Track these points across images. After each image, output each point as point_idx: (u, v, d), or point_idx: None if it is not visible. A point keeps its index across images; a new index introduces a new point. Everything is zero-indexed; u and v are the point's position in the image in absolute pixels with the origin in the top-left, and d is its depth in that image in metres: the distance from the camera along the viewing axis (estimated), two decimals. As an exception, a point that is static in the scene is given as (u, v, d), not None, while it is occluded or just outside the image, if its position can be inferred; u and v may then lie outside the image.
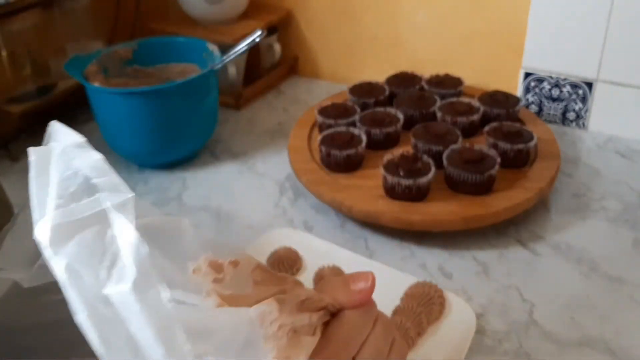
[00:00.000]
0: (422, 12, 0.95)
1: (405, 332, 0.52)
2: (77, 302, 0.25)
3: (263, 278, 0.33)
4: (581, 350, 0.54)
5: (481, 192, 0.68)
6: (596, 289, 0.60)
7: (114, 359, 0.25)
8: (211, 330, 0.28)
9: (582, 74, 0.85)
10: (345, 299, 0.36)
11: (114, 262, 0.26)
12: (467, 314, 0.55)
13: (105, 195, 0.28)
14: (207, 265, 0.31)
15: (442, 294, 0.56)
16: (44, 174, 0.29)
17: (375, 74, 0.93)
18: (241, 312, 0.30)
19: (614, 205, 0.72)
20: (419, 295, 0.56)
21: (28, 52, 0.87)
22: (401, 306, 0.55)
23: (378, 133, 0.76)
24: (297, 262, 0.62)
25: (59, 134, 0.32)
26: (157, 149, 0.80)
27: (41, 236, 0.26)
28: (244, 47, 0.81)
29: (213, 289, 0.30)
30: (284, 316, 0.31)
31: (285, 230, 0.67)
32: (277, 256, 0.62)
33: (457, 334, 0.53)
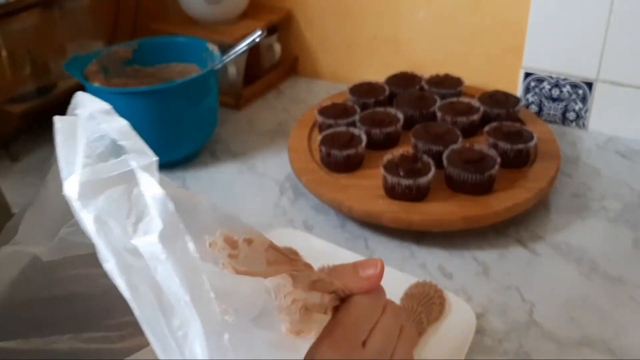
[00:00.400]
0: (422, 12, 0.95)
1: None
2: (106, 251, 0.26)
3: (276, 258, 0.34)
4: (581, 350, 0.54)
5: (481, 192, 0.68)
6: (596, 289, 0.60)
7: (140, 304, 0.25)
8: (231, 292, 0.28)
9: (582, 74, 0.85)
10: (354, 284, 0.36)
11: (141, 217, 0.27)
12: (467, 314, 0.55)
13: (131, 156, 0.29)
14: (222, 240, 0.31)
15: (442, 294, 0.56)
16: (72, 138, 0.30)
17: (375, 74, 0.93)
18: (258, 281, 0.31)
19: (614, 205, 0.72)
20: (419, 295, 0.56)
21: (28, 52, 0.87)
22: (401, 306, 0.56)
23: (378, 133, 0.76)
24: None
25: (84, 102, 0.32)
26: (157, 149, 0.78)
27: (70, 191, 0.27)
28: (244, 47, 0.81)
29: (229, 262, 0.31)
30: (297, 291, 0.31)
31: (285, 230, 0.67)
32: None
33: (457, 333, 0.53)
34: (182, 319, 0.26)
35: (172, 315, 0.26)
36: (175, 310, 0.26)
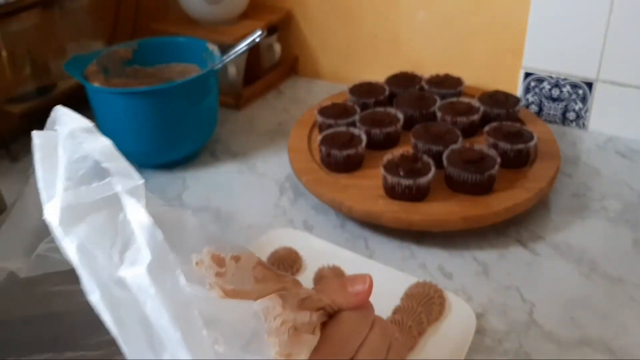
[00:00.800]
0: (422, 12, 0.95)
1: (408, 331, 0.52)
2: (91, 282, 0.25)
3: (264, 275, 0.33)
4: (581, 350, 0.54)
5: (481, 192, 0.68)
6: (596, 289, 0.60)
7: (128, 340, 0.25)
8: (221, 318, 0.28)
9: (582, 74, 0.85)
10: (342, 300, 0.36)
11: (127, 245, 0.26)
12: (467, 314, 0.55)
13: (116, 179, 0.28)
14: (209, 259, 0.30)
15: (442, 294, 0.56)
16: (51, 157, 0.29)
17: (375, 74, 0.93)
18: (246, 305, 0.30)
19: (614, 205, 0.72)
20: (419, 295, 0.56)
21: (28, 52, 0.87)
22: (401, 306, 0.55)
23: (378, 133, 0.76)
24: (297, 262, 0.62)
25: (64, 118, 0.31)
26: (157, 149, 0.80)
27: (51, 217, 0.26)
28: (244, 47, 0.81)
29: (215, 282, 0.30)
30: (286, 312, 0.31)
31: (285, 230, 0.67)
32: (277, 256, 0.62)
33: (457, 333, 0.53)
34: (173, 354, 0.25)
35: (161, 352, 0.25)
36: (165, 347, 0.25)
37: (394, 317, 0.54)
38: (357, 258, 0.62)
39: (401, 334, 0.52)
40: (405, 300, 0.56)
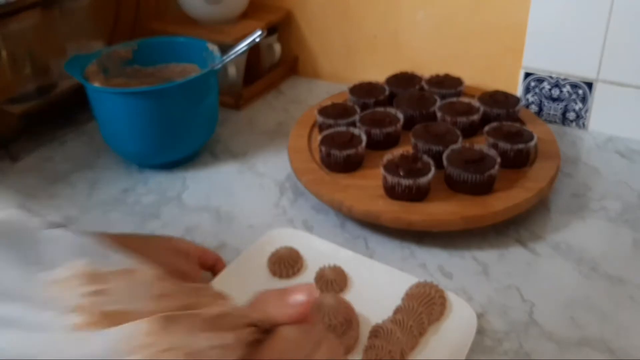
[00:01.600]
0: (422, 12, 0.95)
1: (409, 330, 0.52)
2: None
3: (169, 290, 0.29)
4: (581, 350, 0.54)
5: (481, 192, 0.67)
6: (596, 289, 0.60)
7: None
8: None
9: (582, 74, 0.85)
10: (277, 312, 0.32)
11: None
12: (468, 314, 0.55)
13: None
14: (78, 275, 0.26)
15: (443, 294, 0.56)
16: None
17: (375, 74, 0.93)
18: (101, 339, 0.25)
19: (613, 205, 0.72)
20: (420, 296, 0.55)
21: (28, 52, 0.87)
22: (402, 306, 0.55)
23: (378, 133, 0.76)
24: (298, 261, 0.62)
25: None
26: (157, 149, 0.80)
27: None
28: (244, 47, 0.81)
29: (82, 305, 0.25)
30: (169, 337, 0.25)
31: (286, 230, 0.67)
32: (278, 256, 0.62)
33: (458, 334, 0.53)
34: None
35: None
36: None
37: (395, 317, 0.54)
38: (359, 258, 0.62)
39: (402, 334, 0.52)
40: (407, 300, 0.56)
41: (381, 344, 0.51)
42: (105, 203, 0.76)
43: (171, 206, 0.75)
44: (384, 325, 0.53)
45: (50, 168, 0.84)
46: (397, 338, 0.51)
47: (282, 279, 0.61)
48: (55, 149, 0.89)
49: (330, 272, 0.60)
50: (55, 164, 0.85)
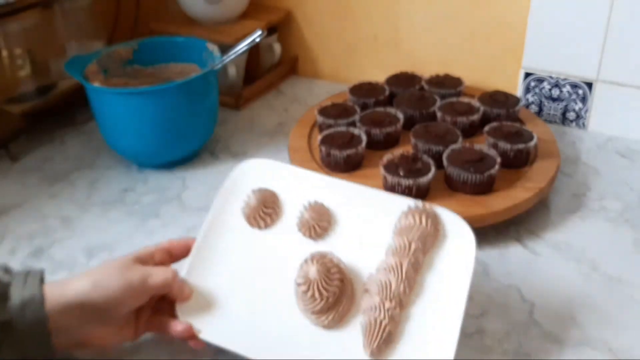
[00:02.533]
0: (422, 13, 0.95)
1: (406, 276, 0.49)
2: None
3: None
4: (581, 350, 0.54)
5: (481, 192, 0.68)
6: (596, 289, 0.60)
7: None
8: None
9: (582, 74, 0.85)
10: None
11: None
12: (464, 234, 0.51)
13: None
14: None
15: (437, 218, 0.52)
16: None
17: (375, 74, 0.93)
18: None
19: (613, 205, 0.72)
20: (412, 229, 0.51)
21: (28, 52, 0.87)
22: (395, 247, 0.52)
23: (378, 133, 0.76)
24: (274, 205, 0.56)
25: None
26: (157, 149, 0.80)
27: None
28: (244, 47, 0.81)
29: None
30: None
31: (258, 161, 0.59)
32: (251, 207, 0.56)
33: (457, 262, 0.50)
34: None
35: None
36: None
37: (388, 263, 0.50)
38: (340, 183, 0.57)
39: (398, 283, 0.49)
40: (399, 236, 0.52)
41: (378, 303, 0.48)
42: (105, 203, 0.76)
43: (171, 206, 0.75)
44: (378, 276, 0.50)
45: (50, 168, 0.84)
46: (393, 291, 0.49)
47: (262, 229, 0.56)
48: (55, 149, 0.89)
49: (311, 215, 0.54)
50: (55, 164, 0.85)
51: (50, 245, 0.70)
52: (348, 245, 0.53)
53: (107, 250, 0.68)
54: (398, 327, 0.49)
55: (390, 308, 0.48)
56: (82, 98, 0.81)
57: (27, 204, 0.77)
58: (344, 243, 0.54)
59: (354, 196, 0.56)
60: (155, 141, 0.79)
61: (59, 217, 0.74)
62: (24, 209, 0.76)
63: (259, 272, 0.54)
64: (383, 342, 0.48)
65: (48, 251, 0.69)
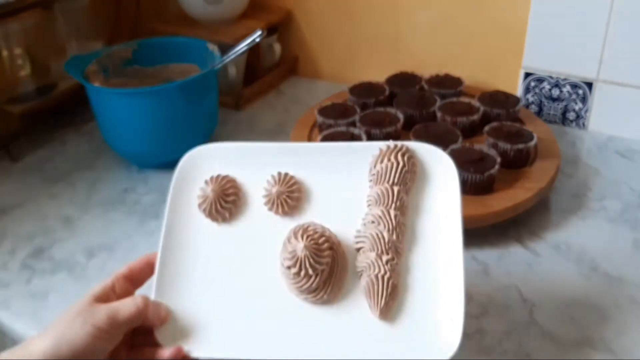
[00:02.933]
0: (422, 12, 0.95)
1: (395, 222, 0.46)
2: None
3: None
4: (581, 350, 0.54)
5: (481, 192, 0.68)
6: (596, 289, 0.60)
7: None
8: None
9: (582, 74, 0.85)
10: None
11: None
12: (445, 167, 0.48)
13: None
14: None
15: (411, 153, 0.49)
16: None
17: (375, 74, 0.93)
18: None
19: (613, 205, 0.72)
20: (392, 171, 0.48)
21: (28, 52, 0.87)
22: (377, 195, 0.48)
23: (378, 133, 0.76)
24: (235, 192, 0.51)
25: None
26: (157, 149, 0.80)
27: None
28: (244, 47, 0.81)
29: None
30: None
31: (203, 148, 0.53)
32: (207, 199, 0.50)
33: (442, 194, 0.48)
34: None
35: None
36: None
37: (375, 215, 0.47)
38: (299, 147, 0.53)
39: (389, 232, 0.46)
40: (378, 183, 0.48)
41: (374, 259, 0.45)
42: (105, 203, 0.76)
43: (171, 206, 0.75)
44: (367, 231, 0.47)
45: (50, 168, 0.84)
46: (387, 242, 0.46)
47: (228, 221, 0.50)
48: (55, 149, 0.89)
49: (279, 189, 0.49)
50: (55, 164, 0.85)
51: (50, 245, 0.70)
52: (327, 210, 0.49)
53: (107, 250, 0.68)
54: (400, 279, 0.45)
55: (389, 260, 0.45)
56: (82, 98, 0.81)
57: (27, 204, 0.77)
58: (322, 209, 0.49)
59: (317, 156, 0.51)
60: (155, 141, 0.79)
61: (59, 217, 0.74)
62: (24, 209, 0.76)
63: (236, 269, 0.48)
64: (390, 297, 0.44)
65: (48, 251, 0.69)
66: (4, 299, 0.62)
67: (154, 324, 0.46)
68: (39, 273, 0.66)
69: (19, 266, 0.67)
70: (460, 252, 0.45)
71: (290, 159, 0.51)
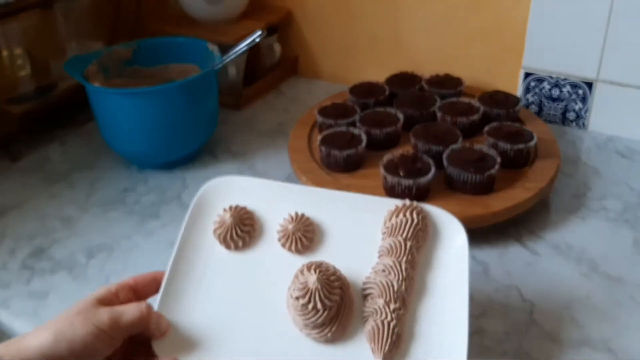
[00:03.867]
0: (422, 13, 0.95)
1: (405, 275, 0.48)
2: None
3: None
4: (581, 350, 0.54)
5: (481, 192, 0.68)
6: (596, 289, 0.60)
7: None
8: None
9: (582, 74, 0.85)
10: None
11: None
12: (454, 229, 0.51)
13: None
14: None
15: (425, 213, 0.51)
16: None
17: (375, 74, 0.93)
18: None
19: (613, 205, 0.72)
20: (405, 226, 0.50)
21: (28, 52, 0.87)
22: (390, 246, 0.50)
23: (378, 133, 0.77)
24: (252, 223, 0.53)
25: None
26: (157, 149, 0.80)
27: None
28: (244, 47, 0.81)
29: None
30: None
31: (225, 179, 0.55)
32: (224, 226, 0.51)
33: (451, 255, 0.50)
34: None
35: None
36: None
37: (384, 263, 0.49)
38: (319, 192, 0.54)
39: (398, 282, 0.47)
40: (390, 236, 0.50)
41: (381, 306, 0.46)
42: (105, 203, 0.76)
43: (171, 206, 0.75)
44: (377, 279, 0.48)
45: (50, 168, 0.84)
46: (395, 291, 0.47)
47: (238, 250, 0.51)
48: (55, 149, 0.89)
49: (295, 227, 0.51)
50: (55, 164, 0.85)
51: (50, 245, 0.70)
52: (338, 254, 0.50)
53: (107, 250, 0.68)
54: (405, 328, 0.46)
55: (395, 309, 0.46)
56: (82, 98, 0.81)
57: (27, 204, 0.77)
58: (333, 253, 0.50)
59: (335, 203, 0.53)
60: (155, 141, 0.79)
61: (59, 217, 0.74)
62: (24, 209, 0.76)
63: (241, 296, 0.49)
64: (393, 345, 0.45)
65: (48, 251, 0.69)
66: (4, 298, 0.62)
67: (153, 335, 0.46)
68: (39, 273, 0.66)
69: (19, 266, 0.67)
70: (466, 306, 0.47)
71: (309, 201, 0.53)
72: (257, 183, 0.54)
